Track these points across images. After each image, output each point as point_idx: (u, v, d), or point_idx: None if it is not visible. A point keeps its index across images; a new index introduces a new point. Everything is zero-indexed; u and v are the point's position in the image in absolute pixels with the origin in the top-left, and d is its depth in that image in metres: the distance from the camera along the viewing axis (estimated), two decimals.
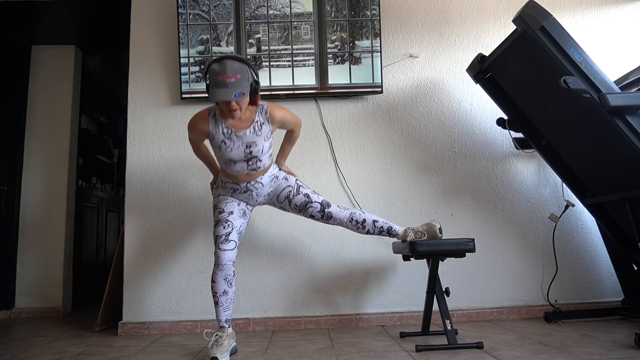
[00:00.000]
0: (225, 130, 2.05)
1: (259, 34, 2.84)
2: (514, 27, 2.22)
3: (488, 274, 2.82)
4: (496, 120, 2.77)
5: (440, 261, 2.23)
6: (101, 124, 4.81)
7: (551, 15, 2.04)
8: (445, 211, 2.86)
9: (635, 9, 3.06)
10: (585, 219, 2.88)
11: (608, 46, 3.01)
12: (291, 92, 2.83)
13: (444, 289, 2.19)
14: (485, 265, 2.83)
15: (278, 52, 2.85)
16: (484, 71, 2.62)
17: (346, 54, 2.85)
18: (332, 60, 2.85)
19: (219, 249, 2.10)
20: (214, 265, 2.10)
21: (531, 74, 2.34)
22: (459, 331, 2.42)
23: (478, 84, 2.68)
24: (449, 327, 2.08)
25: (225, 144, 2.06)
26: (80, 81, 3.97)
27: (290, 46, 2.85)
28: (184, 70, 2.82)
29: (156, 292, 2.75)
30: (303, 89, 2.83)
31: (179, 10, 2.83)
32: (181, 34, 2.83)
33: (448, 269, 2.74)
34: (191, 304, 2.74)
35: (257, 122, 2.06)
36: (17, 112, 3.71)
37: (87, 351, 2.27)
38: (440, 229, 2.21)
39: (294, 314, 2.74)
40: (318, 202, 2.23)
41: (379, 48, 2.84)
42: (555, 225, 2.82)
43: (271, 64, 2.83)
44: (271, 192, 2.25)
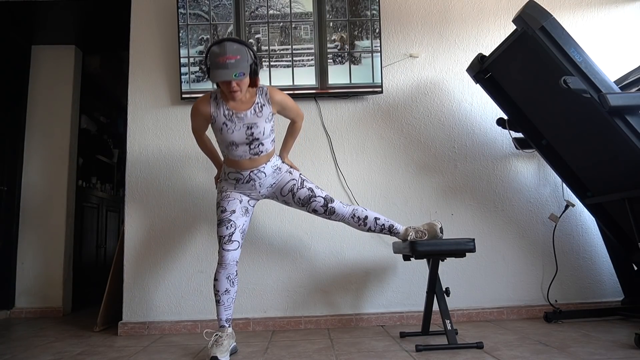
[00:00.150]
0: (227, 112, 2.07)
1: (259, 34, 2.84)
2: (514, 27, 2.22)
3: (488, 274, 2.82)
4: (496, 120, 2.77)
5: (440, 261, 2.23)
6: (101, 124, 4.81)
7: (551, 15, 2.04)
8: (445, 211, 2.87)
9: (635, 9, 3.06)
10: (585, 219, 2.88)
11: (608, 46, 3.01)
12: (291, 92, 2.82)
13: (444, 289, 2.20)
14: (485, 265, 2.83)
15: (278, 52, 2.85)
16: (484, 71, 2.62)
17: (346, 54, 2.85)
18: (332, 60, 2.85)
19: (223, 249, 2.11)
20: (218, 264, 2.11)
21: (531, 74, 2.34)
22: (459, 331, 2.42)
23: (478, 84, 2.68)
24: (449, 327, 2.08)
25: (226, 125, 2.07)
26: (80, 81, 3.97)
27: (290, 46, 2.85)
28: (184, 70, 2.82)
29: (156, 292, 2.75)
30: (303, 89, 2.83)
31: (179, 10, 2.83)
32: (181, 34, 2.83)
33: (448, 269, 2.74)
34: (191, 304, 2.74)
35: (257, 103, 2.08)
36: (17, 112, 3.71)
37: (87, 351, 2.27)
38: (441, 228, 2.21)
39: (294, 314, 2.74)
40: (322, 197, 2.23)
41: (379, 48, 2.84)
42: (555, 225, 2.83)
43: (271, 64, 2.84)
44: (274, 184, 2.24)
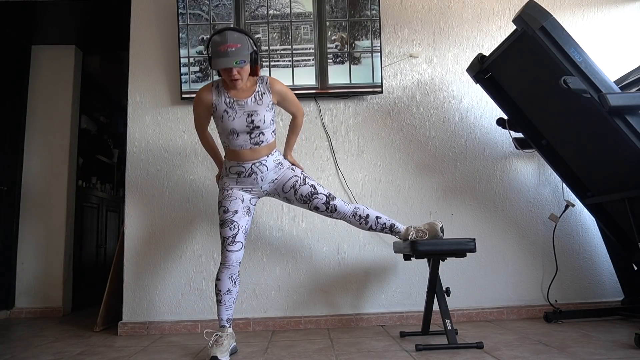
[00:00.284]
0: (228, 100, 2.11)
1: (259, 34, 2.84)
2: (514, 27, 2.22)
3: (488, 274, 2.83)
4: (496, 120, 2.77)
5: (440, 261, 2.23)
6: (101, 124, 4.81)
7: (551, 15, 2.04)
8: (445, 211, 2.87)
9: (635, 9, 3.06)
10: (585, 219, 2.88)
11: (608, 46, 3.01)
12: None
13: (444, 289, 2.20)
14: (485, 265, 2.83)
15: (278, 52, 2.85)
16: (484, 71, 2.62)
17: (346, 54, 2.85)
18: (332, 60, 2.85)
19: (227, 250, 2.12)
20: (220, 264, 2.12)
21: (531, 74, 2.34)
22: (459, 331, 2.42)
23: (478, 84, 2.68)
24: (449, 327, 2.08)
25: (227, 113, 2.10)
26: (80, 81, 3.97)
27: (290, 46, 2.85)
28: (184, 70, 2.82)
29: (156, 292, 2.75)
30: (303, 89, 2.83)
31: (179, 10, 2.83)
32: (181, 34, 2.83)
33: (448, 269, 2.74)
34: (191, 304, 2.74)
35: (258, 91, 2.13)
36: (17, 112, 3.71)
37: (87, 351, 2.27)
38: (442, 228, 2.21)
39: (294, 314, 2.74)
40: (324, 194, 2.23)
41: (379, 48, 2.84)
42: (555, 225, 2.83)
43: (271, 64, 2.84)
44: (276, 180, 2.24)
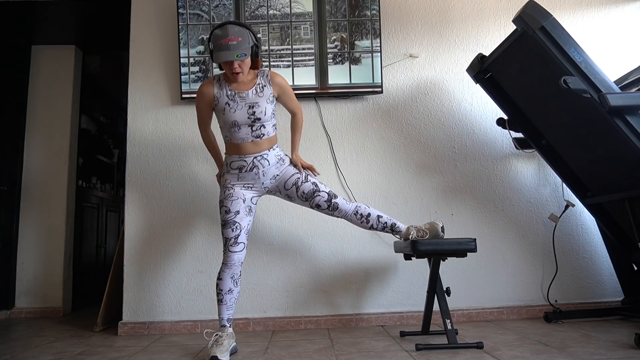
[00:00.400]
0: (229, 93, 2.14)
1: (259, 34, 2.84)
2: (514, 27, 2.22)
3: (488, 274, 2.82)
4: (496, 120, 2.77)
5: (441, 261, 2.23)
6: (101, 124, 4.81)
7: (551, 15, 2.04)
8: (445, 211, 2.87)
9: (635, 9, 3.06)
10: (585, 219, 2.88)
11: (608, 46, 3.01)
12: None
13: (444, 289, 2.19)
14: (485, 265, 2.83)
15: (278, 52, 2.85)
16: (484, 71, 2.62)
17: (346, 54, 2.85)
18: (332, 60, 2.85)
19: (229, 250, 2.12)
20: (222, 263, 2.12)
21: (531, 74, 2.34)
22: (459, 331, 2.42)
23: (478, 84, 2.68)
24: (449, 327, 2.08)
25: (229, 105, 2.13)
26: (80, 81, 3.97)
27: (290, 46, 2.85)
28: (184, 70, 2.82)
29: (156, 292, 2.75)
30: (303, 89, 2.83)
31: (179, 10, 2.83)
32: (181, 34, 2.83)
33: (448, 268, 2.74)
34: (191, 304, 2.74)
35: (259, 84, 2.17)
36: (17, 112, 3.71)
37: (87, 351, 2.27)
38: (442, 228, 2.21)
39: (294, 314, 2.74)
40: (325, 192, 2.24)
41: (379, 48, 2.84)
42: (555, 225, 2.83)
43: (271, 64, 2.83)
44: (278, 177, 2.24)
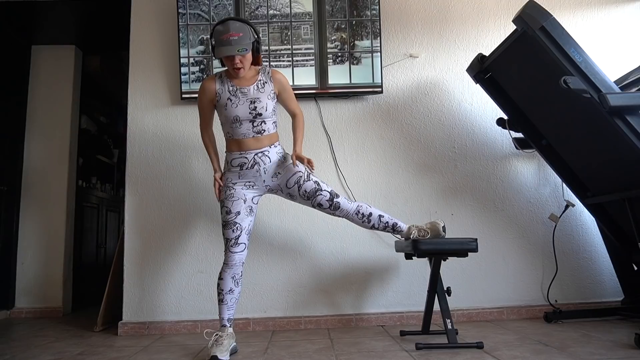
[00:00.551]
0: (231, 88, 2.18)
1: (259, 33, 2.83)
2: (514, 27, 2.22)
3: (488, 274, 2.82)
4: (496, 120, 2.77)
5: (442, 260, 2.23)
6: (101, 124, 4.81)
7: (551, 15, 2.04)
8: (445, 211, 2.86)
9: (635, 9, 3.06)
10: (585, 219, 2.88)
11: (608, 46, 3.01)
12: None
13: (445, 289, 2.19)
14: (486, 265, 2.83)
15: (278, 52, 2.85)
16: (484, 71, 2.62)
17: (346, 54, 2.85)
18: (332, 60, 2.85)
19: (230, 251, 2.13)
20: (224, 263, 2.13)
21: (531, 74, 2.34)
22: (459, 331, 2.41)
23: (478, 84, 2.68)
24: (449, 327, 2.08)
25: (231, 100, 2.16)
26: (80, 81, 3.97)
27: (290, 46, 2.85)
28: (184, 70, 2.82)
29: (156, 292, 2.75)
30: (303, 89, 2.83)
31: (179, 10, 2.83)
32: (181, 34, 2.83)
33: (448, 268, 2.73)
34: (191, 304, 2.74)
35: (260, 80, 2.21)
36: (17, 112, 3.71)
37: (87, 351, 2.27)
38: (444, 227, 2.21)
39: (294, 314, 2.74)
40: (327, 191, 2.23)
41: (379, 48, 2.84)
42: (555, 225, 2.82)
43: (271, 64, 2.83)
44: (280, 175, 2.23)
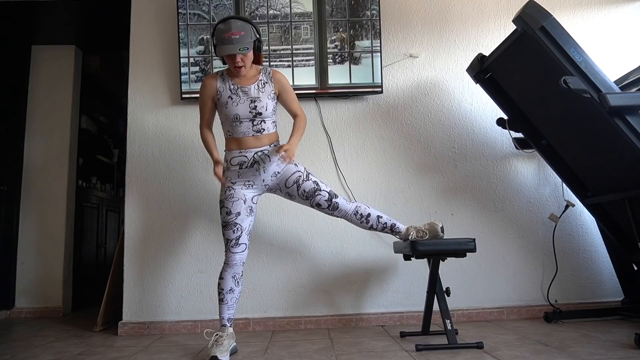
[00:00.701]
0: (232, 87, 2.19)
1: (261, 33, 2.83)
2: (514, 27, 2.22)
3: (488, 274, 2.82)
4: (496, 120, 2.77)
5: (440, 261, 2.23)
6: (101, 124, 4.81)
7: (551, 15, 2.04)
8: (445, 211, 2.86)
9: (635, 9, 3.06)
10: (585, 219, 2.88)
11: (608, 46, 3.01)
12: None
13: (444, 289, 2.19)
14: (485, 265, 2.83)
15: (278, 52, 2.85)
16: (484, 71, 2.62)
17: (346, 54, 2.85)
18: (332, 60, 2.85)
19: (230, 252, 2.13)
20: (224, 263, 2.13)
21: (531, 74, 2.34)
22: (459, 331, 2.42)
23: (478, 84, 2.68)
24: (449, 327, 2.08)
25: (231, 99, 2.17)
26: (80, 81, 3.97)
27: (290, 46, 2.85)
28: (184, 70, 2.82)
29: (156, 292, 2.75)
30: (303, 88, 2.83)
31: (179, 10, 2.83)
32: (181, 34, 2.83)
33: (448, 269, 2.74)
34: (191, 304, 2.74)
35: (260, 80, 2.22)
36: (17, 112, 3.71)
37: (87, 351, 2.27)
38: (442, 228, 2.21)
39: (294, 314, 2.74)
40: (326, 191, 2.23)
41: (379, 48, 2.84)
42: (555, 225, 2.82)
43: (271, 63, 2.83)
44: (279, 174, 2.23)
